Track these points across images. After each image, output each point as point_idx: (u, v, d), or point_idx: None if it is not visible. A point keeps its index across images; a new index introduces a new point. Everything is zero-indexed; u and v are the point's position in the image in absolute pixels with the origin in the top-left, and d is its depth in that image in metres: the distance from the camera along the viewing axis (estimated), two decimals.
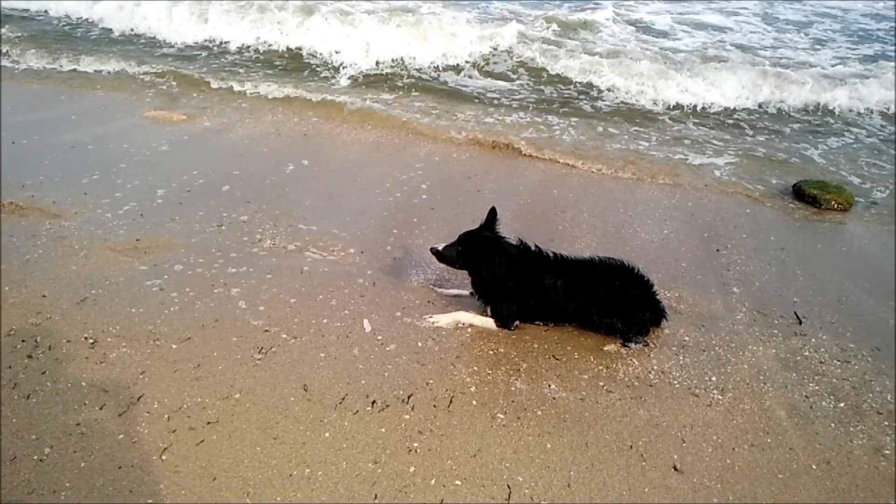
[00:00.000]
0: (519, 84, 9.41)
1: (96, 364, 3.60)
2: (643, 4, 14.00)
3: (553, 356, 3.94)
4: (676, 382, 3.79)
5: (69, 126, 7.07)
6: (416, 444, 3.22)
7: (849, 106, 8.79)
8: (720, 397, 3.69)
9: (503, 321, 4.13)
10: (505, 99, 8.84)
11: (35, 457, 3.02)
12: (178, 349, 3.76)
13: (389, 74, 9.54)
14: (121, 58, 9.64)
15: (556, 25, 11.51)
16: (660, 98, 8.80)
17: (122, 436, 3.15)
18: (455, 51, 10.04)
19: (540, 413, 3.48)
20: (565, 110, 8.50)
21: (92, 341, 3.77)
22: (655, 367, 3.90)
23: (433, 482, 3.03)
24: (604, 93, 9.00)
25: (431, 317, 4.18)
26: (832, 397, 3.74)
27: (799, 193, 6.38)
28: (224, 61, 9.95)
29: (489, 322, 4.15)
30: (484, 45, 10.20)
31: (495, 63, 9.98)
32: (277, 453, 3.12)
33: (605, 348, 4.04)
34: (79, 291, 4.20)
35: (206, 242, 4.89)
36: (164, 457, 3.06)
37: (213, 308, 4.14)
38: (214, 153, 6.62)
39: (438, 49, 10.03)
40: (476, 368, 3.78)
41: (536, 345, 4.04)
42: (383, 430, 3.29)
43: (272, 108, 8.09)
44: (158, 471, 2.98)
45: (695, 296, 4.63)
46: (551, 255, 4.10)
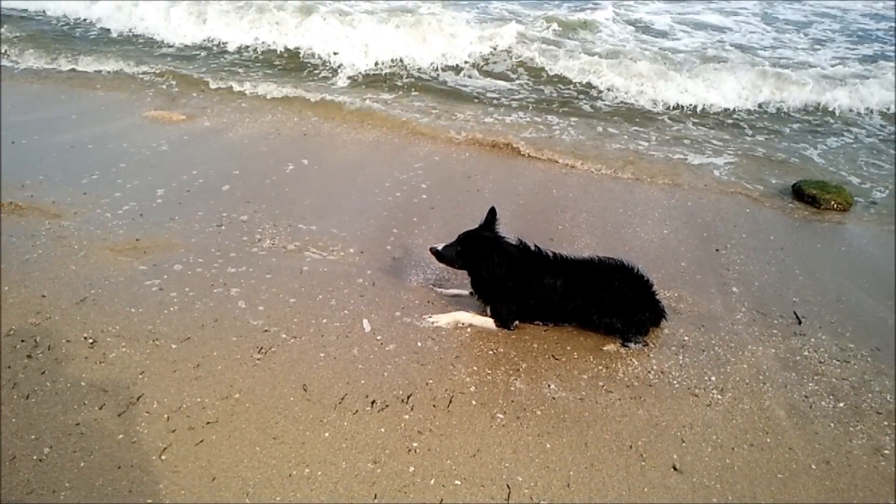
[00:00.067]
0: (518, 84, 9.41)
1: (96, 364, 3.60)
2: (642, 4, 14.00)
3: (552, 356, 3.94)
4: (676, 382, 3.79)
5: (69, 126, 7.07)
6: (416, 444, 3.22)
7: (848, 106, 8.78)
8: (720, 397, 3.69)
9: (503, 321, 4.13)
10: (504, 99, 8.84)
11: (34, 457, 3.02)
12: (178, 349, 3.76)
13: (389, 74, 9.54)
14: (120, 57, 9.64)
15: (556, 25, 11.51)
16: (659, 98, 8.80)
17: (122, 436, 3.15)
18: (454, 51, 10.03)
19: (539, 413, 3.48)
20: (565, 110, 8.50)
21: (91, 341, 3.77)
22: (655, 367, 3.90)
23: (433, 482, 3.03)
24: (603, 93, 9.00)
25: (431, 317, 4.18)
26: (831, 397, 3.74)
27: (798, 193, 6.38)
28: (223, 61, 9.95)
29: (489, 322, 4.15)
30: (483, 46, 10.19)
31: (494, 63, 9.98)
32: (277, 453, 3.12)
33: (605, 348, 4.04)
34: (78, 291, 4.20)
35: (206, 242, 4.89)
36: (164, 457, 3.06)
37: (213, 308, 4.14)
38: (214, 153, 6.62)
39: (438, 49, 10.03)
40: (475, 368, 3.78)
41: (536, 345, 4.04)
42: (383, 430, 3.29)
43: (272, 108, 8.09)
44: (158, 471, 2.98)
45: (694, 296, 4.63)
46: (551, 255, 4.10)
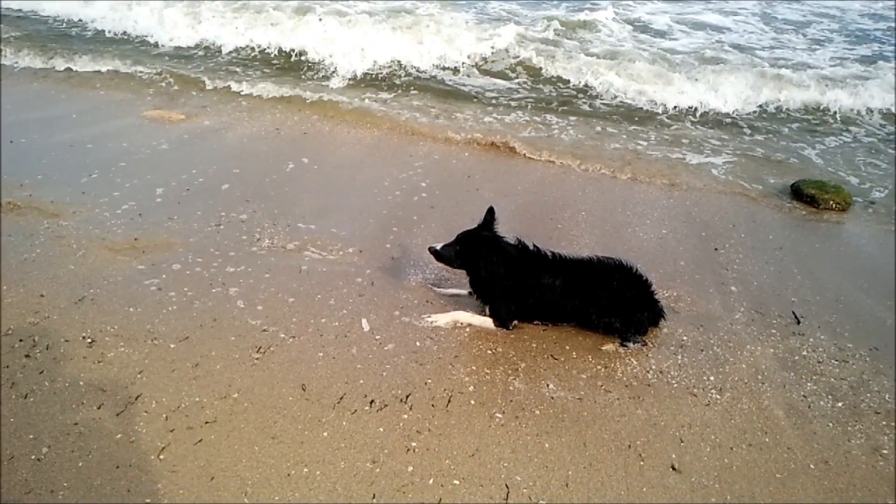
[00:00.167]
0: (517, 83, 9.40)
1: (94, 363, 3.60)
2: (641, 4, 13.98)
3: (551, 356, 3.94)
4: (675, 382, 3.79)
5: (68, 125, 7.07)
6: (415, 444, 3.22)
7: (847, 106, 8.76)
8: (718, 397, 3.69)
9: (501, 321, 4.13)
10: (504, 98, 8.83)
11: (33, 456, 3.02)
12: (177, 348, 3.76)
13: (388, 74, 9.53)
14: (117, 57, 9.63)
15: (555, 26, 11.50)
16: (658, 100, 8.78)
17: (120, 435, 3.15)
18: (453, 52, 10.01)
19: (538, 412, 3.48)
20: (564, 109, 8.50)
21: (90, 341, 3.77)
22: (654, 367, 3.90)
23: (431, 482, 3.03)
24: (602, 93, 8.99)
25: (430, 316, 4.18)
26: (830, 397, 3.74)
27: (797, 193, 6.38)
28: (222, 61, 9.94)
29: (487, 321, 4.15)
30: (482, 46, 10.17)
31: (493, 62, 9.98)
32: (275, 453, 3.12)
33: (604, 348, 4.04)
34: (77, 291, 4.20)
35: (205, 242, 4.89)
36: (162, 456, 3.05)
37: (212, 307, 4.14)
38: (213, 152, 6.61)
39: (437, 50, 10.01)
40: (474, 368, 3.78)
41: (535, 344, 4.04)
42: (381, 430, 3.29)
43: (271, 108, 8.09)
44: (156, 470, 2.98)
45: (693, 295, 4.63)
46: (549, 255, 4.10)
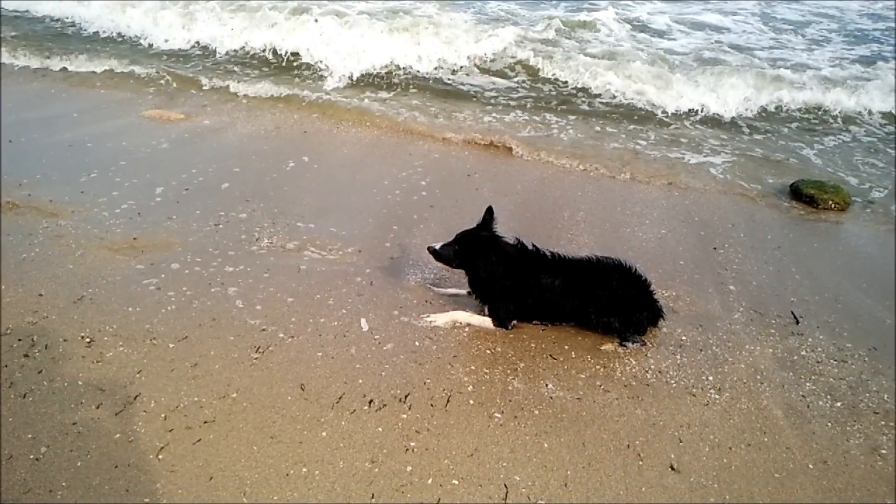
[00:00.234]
0: (516, 81, 9.41)
1: (93, 363, 3.59)
2: (641, 4, 13.98)
3: (550, 355, 3.94)
4: (674, 382, 3.79)
5: (67, 124, 7.06)
6: (414, 444, 3.22)
7: (847, 106, 8.75)
8: (717, 397, 3.69)
9: (500, 320, 4.13)
10: (503, 98, 8.84)
11: (31, 456, 3.01)
12: (175, 348, 3.75)
13: (387, 74, 9.53)
14: (114, 57, 9.64)
15: (555, 26, 11.50)
16: (657, 100, 8.77)
17: (119, 435, 3.15)
18: (453, 52, 10.01)
19: (537, 412, 3.48)
20: (563, 108, 8.50)
21: (89, 340, 3.76)
22: (653, 367, 3.90)
23: (430, 481, 3.03)
24: (601, 93, 8.99)
25: (429, 316, 4.18)
26: (829, 397, 3.74)
27: (796, 193, 6.38)
28: (221, 60, 9.93)
29: (486, 321, 4.15)
30: (482, 47, 10.17)
31: (493, 62, 9.97)
32: (274, 452, 3.12)
33: (603, 348, 4.04)
34: (75, 290, 4.19)
35: (204, 241, 4.88)
36: (161, 456, 3.05)
37: (211, 307, 4.14)
38: (213, 151, 6.61)
39: (435, 52, 10.00)
40: (473, 368, 3.78)
41: (534, 344, 4.04)
42: (380, 430, 3.29)
43: (271, 107, 8.09)
44: (155, 470, 2.98)
45: (692, 295, 4.63)
46: (548, 255, 4.10)
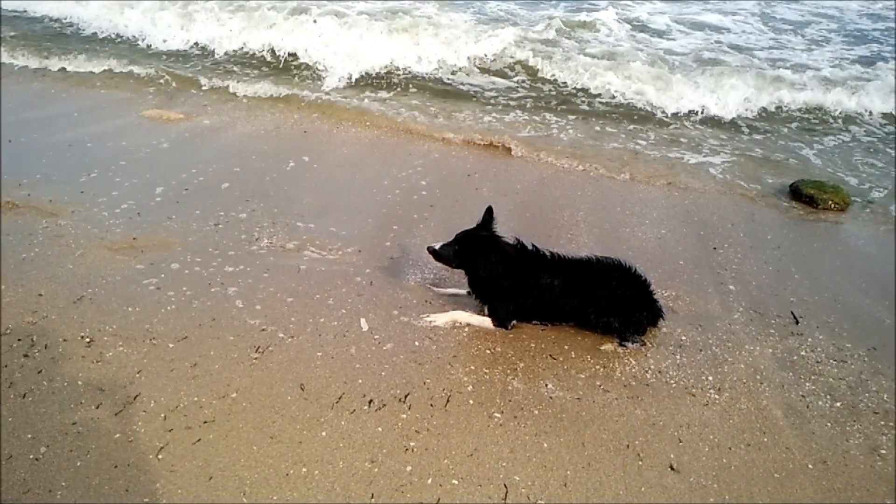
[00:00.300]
0: (516, 81, 9.41)
1: (93, 363, 3.59)
2: (640, 4, 13.98)
3: (550, 355, 3.94)
4: (673, 382, 3.79)
5: (67, 124, 7.06)
6: (413, 444, 3.22)
7: (846, 106, 8.75)
8: (717, 397, 3.69)
9: (500, 320, 4.13)
10: (503, 97, 8.84)
11: (31, 456, 3.01)
12: (175, 348, 3.75)
13: (386, 74, 9.53)
14: (113, 57, 9.64)
15: (554, 26, 11.50)
16: (657, 101, 8.76)
17: (119, 435, 3.15)
18: (452, 52, 10.00)
19: (537, 412, 3.48)
20: (563, 108, 8.50)
21: (88, 340, 3.76)
22: (652, 367, 3.90)
23: (430, 481, 3.03)
24: (601, 93, 8.99)
25: (428, 316, 4.18)
26: (828, 397, 3.74)
27: (796, 193, 6.38)
28: (220, 60, 9.93)
29: (486, 321, 4.15)
30: (481, 47, 10.17)
31: (492, 62, 9.97)
32: (274, 452, 3.12)
33: (602, 348, 4.04)
34: (75, 290, 4.19)
35: (204, 241, 4.88)
36: (161, 456, 3.05)
37: (210, 307, 4.14)
38: (213, 151, 6.61)
39: (435, 50, 10.00)
40: (473, 368, 3.78)
41: (533, 344, 4.04)
42: (380, 430, 3.29)
43: (271, 107, 8.09)
44: (155, 470, 2.98)
45: (692, 295, 4.63)
46: (548, 255, 4.10)
